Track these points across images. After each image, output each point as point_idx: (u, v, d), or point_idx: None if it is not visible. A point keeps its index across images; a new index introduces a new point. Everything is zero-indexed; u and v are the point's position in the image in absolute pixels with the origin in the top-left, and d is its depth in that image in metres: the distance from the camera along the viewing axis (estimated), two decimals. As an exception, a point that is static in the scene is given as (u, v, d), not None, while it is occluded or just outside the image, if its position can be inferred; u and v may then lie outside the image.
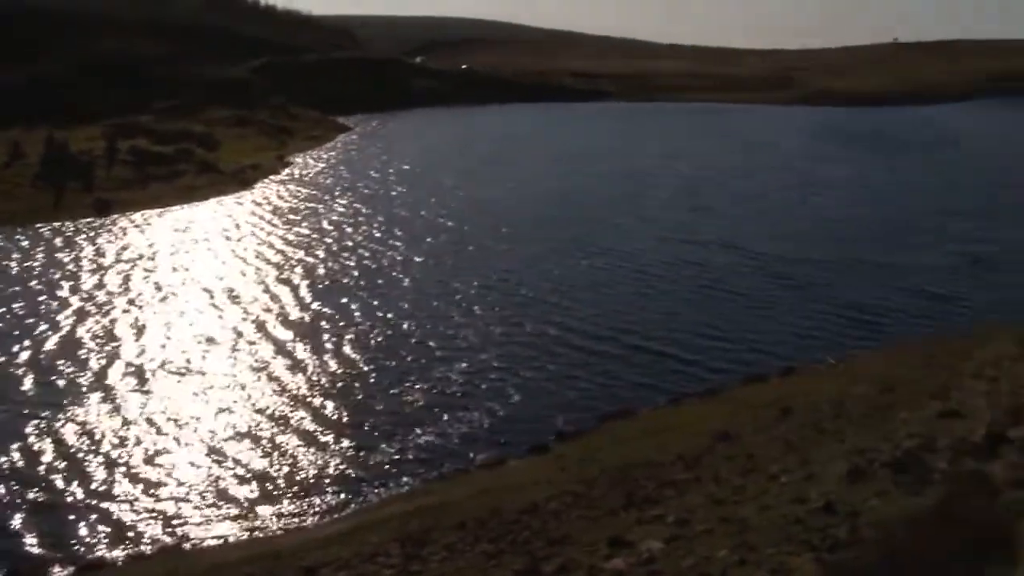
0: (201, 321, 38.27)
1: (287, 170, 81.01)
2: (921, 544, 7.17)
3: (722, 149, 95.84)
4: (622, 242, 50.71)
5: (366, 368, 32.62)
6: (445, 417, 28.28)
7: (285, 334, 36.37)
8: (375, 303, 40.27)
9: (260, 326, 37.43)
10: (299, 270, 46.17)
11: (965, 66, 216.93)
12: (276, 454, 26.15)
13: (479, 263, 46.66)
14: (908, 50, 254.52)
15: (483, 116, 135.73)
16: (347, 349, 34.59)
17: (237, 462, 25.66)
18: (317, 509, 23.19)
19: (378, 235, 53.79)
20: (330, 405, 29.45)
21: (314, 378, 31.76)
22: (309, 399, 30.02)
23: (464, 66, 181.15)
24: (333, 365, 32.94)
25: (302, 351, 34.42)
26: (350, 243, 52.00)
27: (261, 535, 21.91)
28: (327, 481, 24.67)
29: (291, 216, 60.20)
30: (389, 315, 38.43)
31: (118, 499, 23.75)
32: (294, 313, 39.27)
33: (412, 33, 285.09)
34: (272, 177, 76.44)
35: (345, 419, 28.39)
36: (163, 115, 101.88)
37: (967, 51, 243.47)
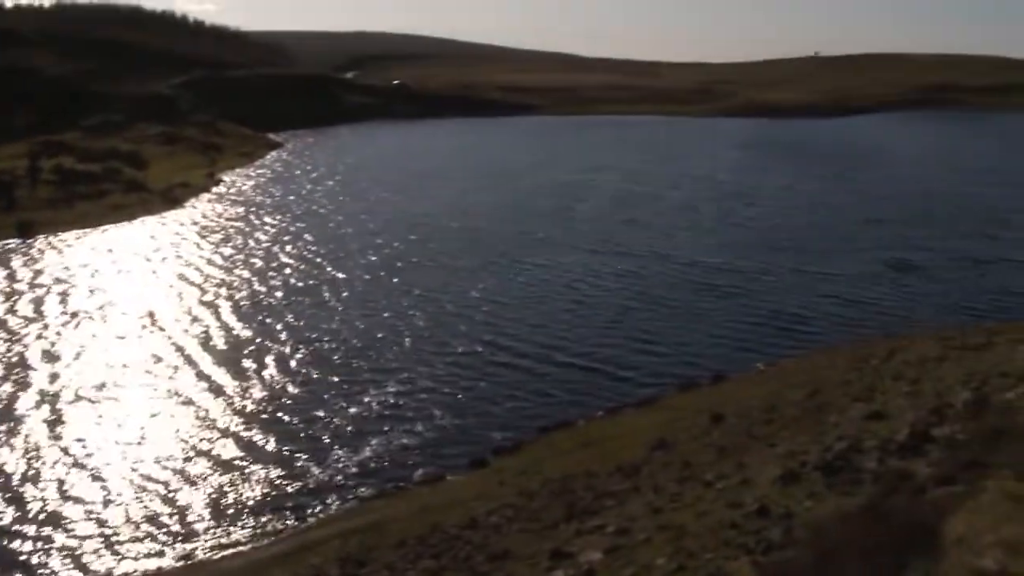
0: (123, 346, 37.13)
1: (217, 188, 79.84)
2: (851, 542, 7.38)
3: (649, 161, 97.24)
4: (553, 255, 50.99)
5: (296, 390, 32.05)
6: (381, 436, 28.07)
7: (210, 358, 35.46)
8: (303, 324, 39.58)
9: (182, 350, 36.41)
10: (225, 291, 45.25)
11: (883, 79, 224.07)
12: (205, 481, 25.53)
13: (410, 280, 46.34)
14: (828, 64, 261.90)
15: (415, 130, 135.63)
16: (274, 371, 33.90)
17: (164, 492, 24.84)
18: (255, 533, 22.75)
19: (307, 254, 53.07)
20: (260, 429, 28.89)
21: (241, 402, 31.14)
22: (238, 423, 29.46)
23: (396, 81, 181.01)
24: (260, 388, 32.30)
25: (227, 375, 33.58)
26: (279, 262, 51.18)
27: (197, 564, 21.41)
28: (263, 504, 24.25)
29: (219, 235, 59.19)
30: (318, 335, 37.79)
31: (32, 539, 22.51)
32: (219, 335, 38.33)
33: (343, 48, 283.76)
34: (202, 195, 75.27)
35: (278, 442, 27.93)
36: (90, 133, 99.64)
37: (884, 65, 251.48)
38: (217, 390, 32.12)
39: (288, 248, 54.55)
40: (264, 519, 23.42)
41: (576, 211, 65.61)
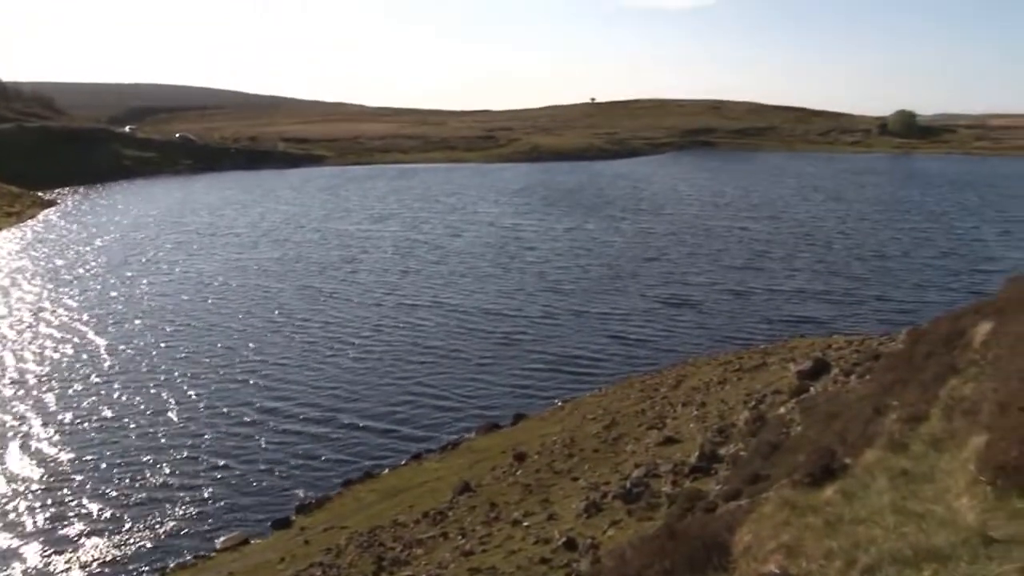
0: None
1: (-24, 252, 73.14)
2: (651, 565, 7.70)
3: (433, 209, 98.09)
4: (338, 311, 49.89)
5: (71, 469, 29.23)
6: (175, 508, 26.47)
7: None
8: (70, 399, 35.68)
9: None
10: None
11: (654, 123, 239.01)
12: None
13: (189, 344, 43.59)
14: (604, 109, 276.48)
15: (198, 185, 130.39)
16: (42, 453, 30.61)
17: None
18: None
19: (72, 323, 47.72)
20: (37, 511, 26.52)
21: (10, 486, 28.48)
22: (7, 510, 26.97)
23: (177, 135, 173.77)
24: (31, 469, 29.44)
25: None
26: (37, 334, 45.87)
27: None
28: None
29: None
30: (86, 413, 34.24)
31: None
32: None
33: (120, 101, 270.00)
34: (-40, 261, 68.64)
35: (66, 521, 25.77)
36: None
37: (655, 110, 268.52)
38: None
39: (49, 318, 49.48)
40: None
41: (360, 263, 64.85)
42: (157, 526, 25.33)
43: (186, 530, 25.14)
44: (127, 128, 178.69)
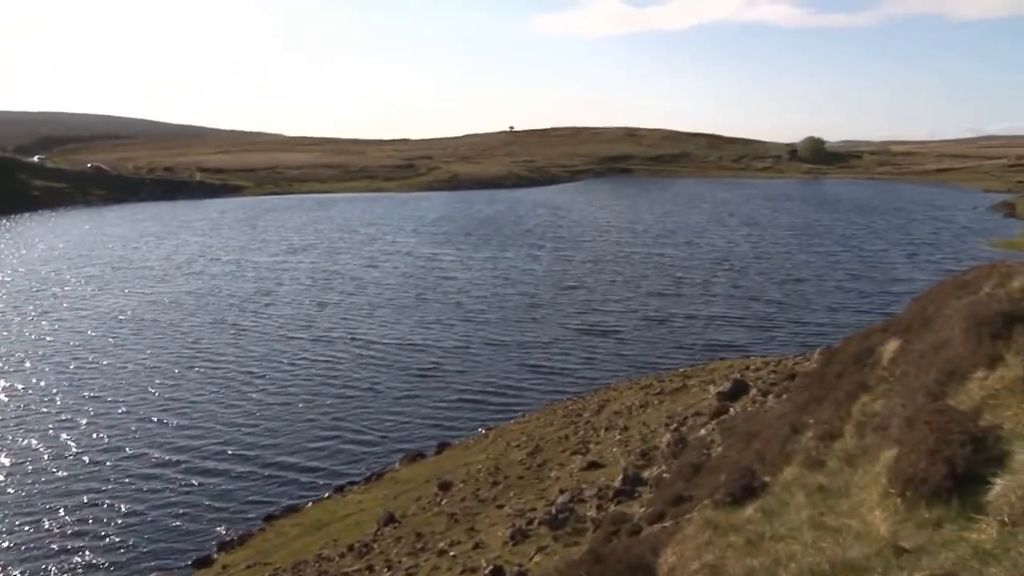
0: None
1: None
2: (579, 588, 7.74)
3: (350, 239, 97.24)
4: (256, 344, 48.73)
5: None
6: (87, 552, 25.45)
7: None
8: None
9: None
10: None
11: (571, 151, 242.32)
12: None
13: (97, 383, 41.57)
14: (523, 137, 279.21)
15: (111, 216, 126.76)
16: None
17: None
18: None
19: None
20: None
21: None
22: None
23: (90, 165, 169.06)
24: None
25: None
26: None
27: None
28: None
29: None
30: None
31: None
32: None
33: (27, 129, 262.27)
34: None
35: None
36: None
37: (572, 138, 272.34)
38: None
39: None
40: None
41: (277, 295, 63.69)
42: (68, 574, 24.35)
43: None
44: (36, 158, 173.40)
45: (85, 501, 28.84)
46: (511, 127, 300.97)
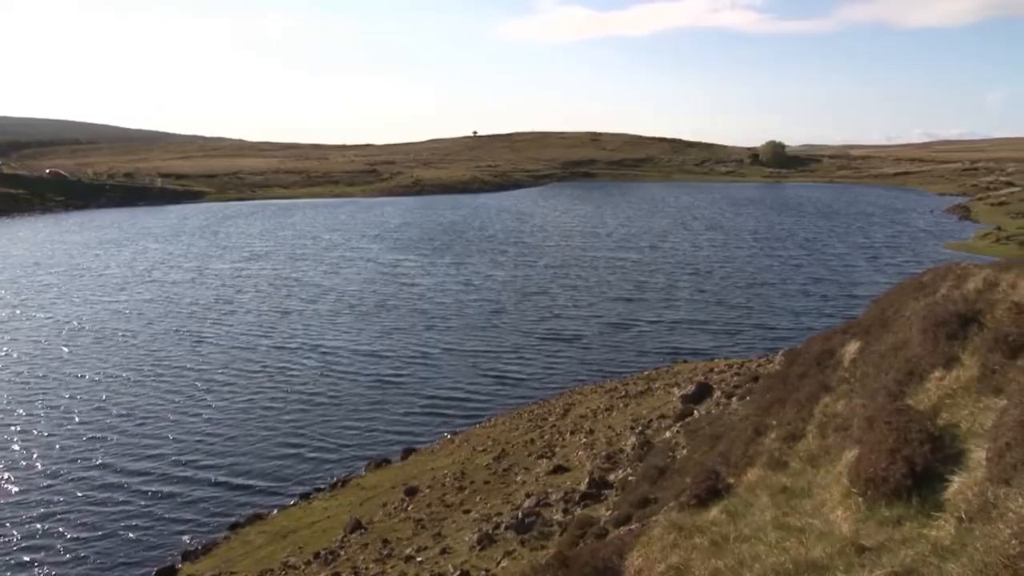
0: None
1: None
2: (546, 591, 7.76)
3: (312, 245, 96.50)
4: (216, 352, 48.13)
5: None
6: (46, 567, 25.07)
7: None
8: None
9: None
10: None
11: (535, 155, 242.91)
12: None
13: (52, 394, 40.47)
14: (487, 142, 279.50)
15: (70, 223, 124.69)
16: None
17: None
18: None
19: None
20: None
21: None
22: None
23: (48, 170, 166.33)
24: None
25: None
26: None
27: None
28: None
29: None
30: None
31: None
32: None
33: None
34: None
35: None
36: None
37: (536, 142, 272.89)
38: None
39: None
40: None
41: (236, 303, 62.89)
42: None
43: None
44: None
45: (44, 512, 28.34)
46: (475, 132, 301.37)
